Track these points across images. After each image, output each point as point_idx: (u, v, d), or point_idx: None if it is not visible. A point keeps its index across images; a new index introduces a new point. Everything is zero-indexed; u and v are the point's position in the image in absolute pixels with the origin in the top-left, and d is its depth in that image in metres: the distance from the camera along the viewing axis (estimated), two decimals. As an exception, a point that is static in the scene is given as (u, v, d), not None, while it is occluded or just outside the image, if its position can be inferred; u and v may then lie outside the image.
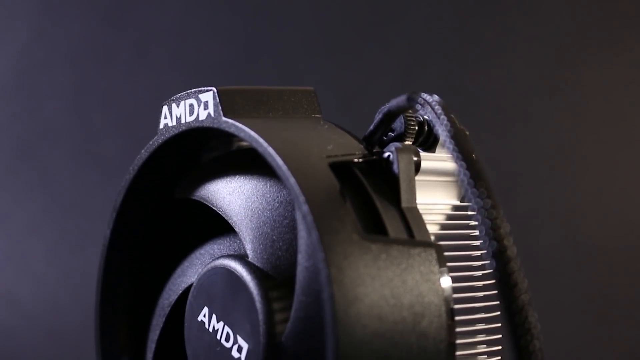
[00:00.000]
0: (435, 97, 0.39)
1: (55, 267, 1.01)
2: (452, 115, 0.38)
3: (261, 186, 0.44)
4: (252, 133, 0.41)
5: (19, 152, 1.06)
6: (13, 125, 1.06)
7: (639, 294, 0.95)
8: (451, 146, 0.37)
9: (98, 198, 0.98)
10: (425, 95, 0.39)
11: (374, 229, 0.40)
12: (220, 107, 0.43)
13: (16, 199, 1.04)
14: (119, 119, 1.04)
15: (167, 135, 0.47)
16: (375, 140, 0.44)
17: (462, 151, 0.36)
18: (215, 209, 0.46)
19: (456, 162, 0.36)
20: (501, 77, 1.00)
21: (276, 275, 0.42)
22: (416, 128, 0.45)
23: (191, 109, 0.45)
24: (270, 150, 0.40)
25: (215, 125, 0.44)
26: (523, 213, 0.96)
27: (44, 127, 1.05)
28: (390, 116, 0.43)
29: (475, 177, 0.36)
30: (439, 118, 0.38)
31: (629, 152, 0.98)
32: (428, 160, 0.44)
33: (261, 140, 0.40)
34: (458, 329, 0.40)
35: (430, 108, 0.38)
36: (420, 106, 0.39)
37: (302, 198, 0.38)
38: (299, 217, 0.39)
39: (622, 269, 0.96)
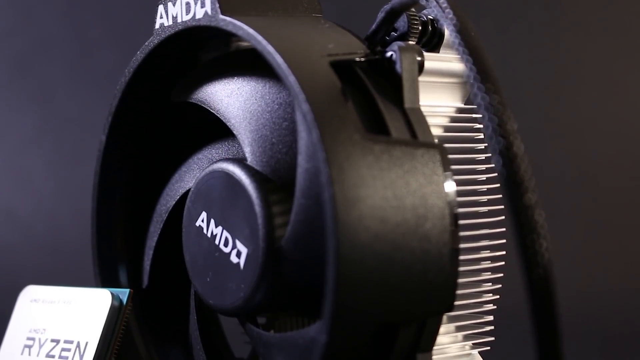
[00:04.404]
0: (441, -9, 0.38)
1: (54, 180, 1.01)
2: (459, 10, 0.36)
3: (260, 87, 0.42)
4: (251, 31, 0.40)
5: (15, 66, 1.04)
6: (8, 39, 1.04)
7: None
8: (457, 41, 0.35)
9: (96, 109, 0.97)
10: (430, -10, 0.38)
11: (376, 129, 0.39)
12: (217, 5, 0.42)
13: (13, 113, 1.03)
14: (115, 28, 1.02)
15: (163, 36, 0.46)
16: (378, 39, 0.42)
17: (469, 46, 0.35)
18: (213, 111, 0.45)
19: (462, 57, 0.35)
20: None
21: (276, 179, 0.41)
22: (420, 27, 0.43)
23: (188, 7, 0.44)
24: (270, 48, 0.38)
25: (212, 24, 0.42)
26: (525, 127, 0.95)
27: (39, 39, 1.03)
28: (393, 14, 0.42)
29: (482, 72, 0.34)
30: (444, 12, 0.36)
31: (630, 65, 0.97)
32: (432, 61, 0.42)
33: (260, 38, 0.39)
34: (461, 233, 0.39)
35: (435, 2, 0.37)
36: (425, 1, 0.38)
37: (302, 96, 0.37)
38: (298, 117, 0.38)
39: (625, 185, 0.95)
